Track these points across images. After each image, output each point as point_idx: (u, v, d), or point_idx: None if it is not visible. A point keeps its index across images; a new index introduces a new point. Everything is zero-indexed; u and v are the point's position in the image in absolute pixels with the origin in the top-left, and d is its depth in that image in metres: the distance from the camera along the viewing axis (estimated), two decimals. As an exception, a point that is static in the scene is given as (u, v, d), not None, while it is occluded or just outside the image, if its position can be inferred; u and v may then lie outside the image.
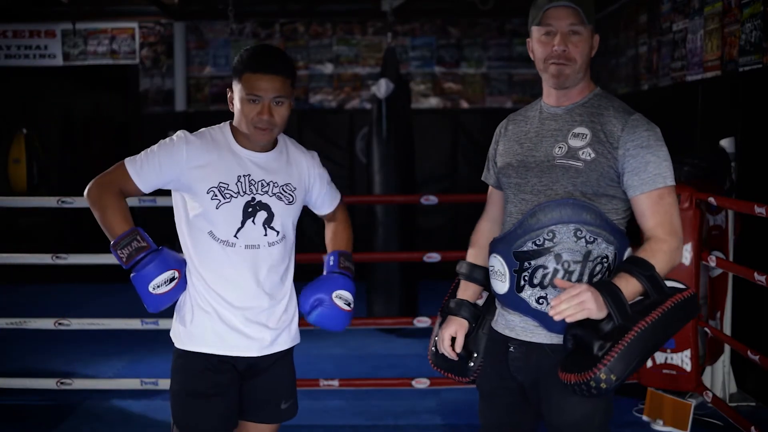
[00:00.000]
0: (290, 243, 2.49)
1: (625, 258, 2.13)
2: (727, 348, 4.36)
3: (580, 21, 2.13)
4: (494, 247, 2.22)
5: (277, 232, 2.41)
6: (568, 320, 1.98)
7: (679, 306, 2.02)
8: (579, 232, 2.09)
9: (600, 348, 1.95)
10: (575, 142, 2.14)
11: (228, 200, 2.34)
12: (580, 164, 2.11)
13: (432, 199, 4.61)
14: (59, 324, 4.46)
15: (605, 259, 2.10)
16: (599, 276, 2.10)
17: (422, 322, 4.48)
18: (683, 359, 4.11)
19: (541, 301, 2.14)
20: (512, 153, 2.26)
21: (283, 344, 2.48)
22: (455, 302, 2.40)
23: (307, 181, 2.54)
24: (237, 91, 2.36)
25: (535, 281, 2.12)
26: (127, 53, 8.73)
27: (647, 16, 6.35)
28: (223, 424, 2.42)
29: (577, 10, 2.12)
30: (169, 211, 2.54)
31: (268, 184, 2.40)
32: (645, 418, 4.22)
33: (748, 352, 3.68)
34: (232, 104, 2.39)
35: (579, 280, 2.10)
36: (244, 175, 2.37)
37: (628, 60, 6.82)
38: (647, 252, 2.07)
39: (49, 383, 4.54)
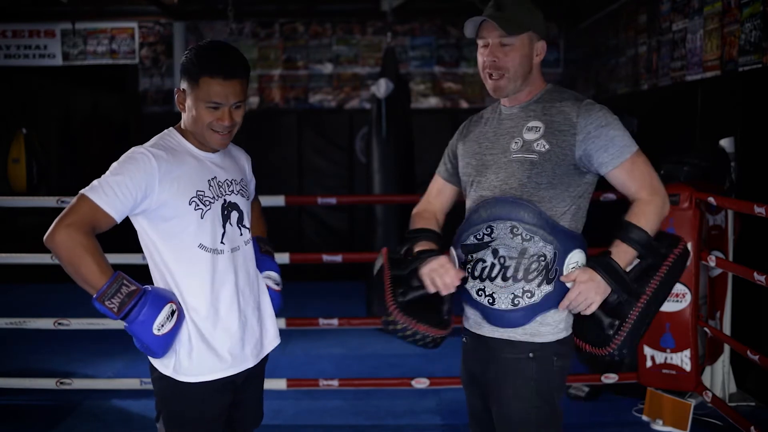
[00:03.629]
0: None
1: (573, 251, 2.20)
2: (726, 348, 4.36)
3: (509, 33, 2.22)
4: (453, 241, 2.34)
5: (249, 230, 2.38)
6: (584, 313, 2.16)
7: (674, 267, 2.17)
8: (515, 230, 2.18)
9: (610, 326, 2.13)
10: (530, 136, 2.23)
11: (209, 207, 2.25)
12: (535, 156, 2.20)
13: (432, 199, 4.60)
14: (59, 324, 4.46)
15: (542, 258, 2.16)
16: (535, 273, 2.16)
17: (422, 322, 4.47)
18: (683, 359, 4.11)
19: (480, 293, 2.23)
20: (472, 152, 2.36)
21: (271, 344, 2.45)
22: (425, 250, 2.30)
23: (249, 175, 2.50)
24: (192, 94, 2.22)
25: (476, 273, 2.23)
26: (126, 53, 8.73)
27: (647, 16, 6.35)
28: None
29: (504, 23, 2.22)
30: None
31: (231, 183, 2.34)
32: (645, 418, 4.23)
33: (748, 352, 3.68)
34: (183, 105, 2.26)
35: (514, 276, 2.18)
36: (212, 179, 2.28)
37: (627, 60, 6.82)
38: (635, 214, 2.19)
39: (49, 383, 4.54)
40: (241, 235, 2.34)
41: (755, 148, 4.53)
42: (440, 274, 2.21)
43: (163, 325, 2.12)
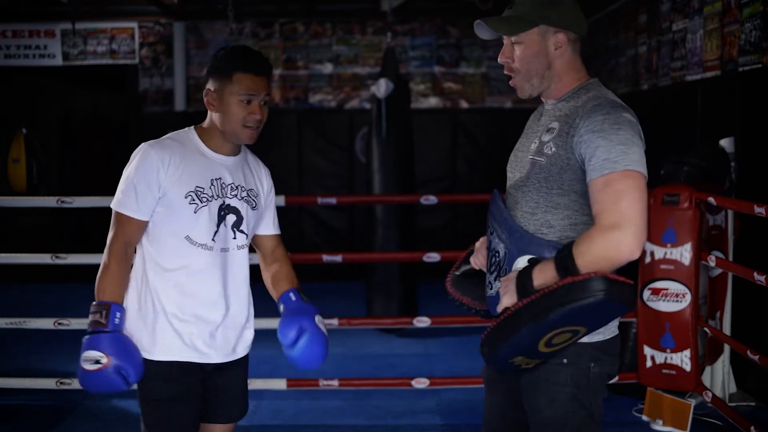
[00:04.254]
0: (248, 246, 2.51)
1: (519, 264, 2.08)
2: (726, 348, 4.36)
3: (502, 33, 2.17)
4: None
5: (246, 236, 2.45)
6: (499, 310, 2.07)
7: (564, 290, 1.90)
8: (487, 222, 2.21)
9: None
10: (546, 137, 2.13)
11: (205, 204, 2.35)
12: (543, 159, 2.10)
13: (431, 199, 4.60)
14: (59, 324, 4.46)
15: (497, 254, 2.14)
16: (493, 267, 2.17)
17: (422, 322, 4.48)
18: (683, 359, 4.11)
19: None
20: (515, 148, 2.30)
21: (244, 350, 2.51)
22: None
23: (265, 192, 2.56)
24: (225, 90, 2.36)
25: None
26: (126, 53, 8.73)
27: (647, 16, 6.35)
28: (191, 428, 2.43)
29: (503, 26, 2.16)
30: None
31: (236, 187, 2.42)
32: (645, 417, 4.22)
33: (748, 352, 3.68)
34: (213, 105, 2.38)
35: (488, 266, 2.20)
36: (216, 179, 2.38)
37: (627, 60, 6.82)
38: (580, 237, 1.98)
39: (49, 383, 4.53)
40: (235, 238, 2.42)
41: (755, 148, 4.53)
42: (475, 254, 2.33)
43: (85, 362, 2.26)
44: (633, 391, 4.45)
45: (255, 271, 2.57)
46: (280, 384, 4.43)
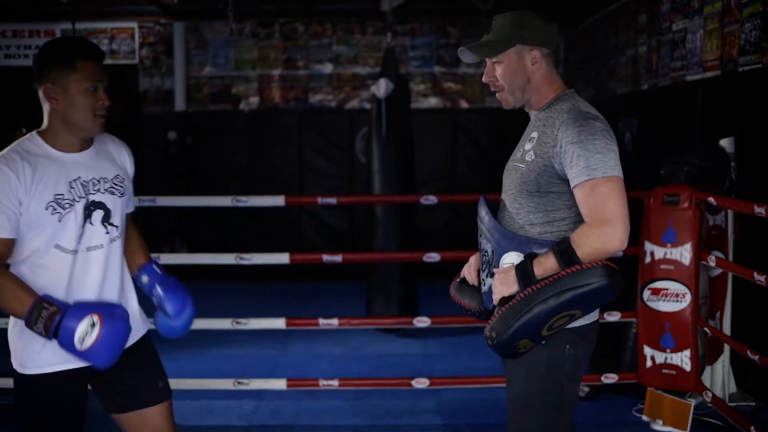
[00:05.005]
0: (123, 235, 2.45)
1: (504, 259, 2.27)
2: (726, 348, 4.36)
3: (482, 57, 2.39)
4: None
5: (117, 227, 2.38)
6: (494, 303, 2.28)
7: (572, 276, 2.13)
8: (477, 224, 2.40)
9: (496, 311, 2.23)
10: (527, 145, 2.35)
11: (68, 210, 2.26)
12: (523, 166, 2.32)
13: (431, 199, 4.60)
14: (59, 324, 4.45)
15: (486, 253, 2.34)
16: (484, 266, 2.35)
17: (422, 322, 4.48)
18: (683, 359, 4.11)
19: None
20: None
21: (134, 336, 2.44)
22: None
23: (129, 172, 2.49)
24: (69, 80, 2.25)
25: None
26: (126, 53, 8.73)
27: (647, 16, 6.35)
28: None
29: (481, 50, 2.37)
30: (166, 210, 2.48)
31: (98, 181, 2.34)
32: (645, 417, 4.22)
33: (748, 352, 3.68)
34: (57, 99, 2.26)
35: (480, 265, 2.39)
36: (74, 180, 2.29)
37: (627, 60, 6.82)
38: (577, 233, 2.20)
39: (49, 383, 4.52)
40: (107, 233, 2.35)
41: (755, 148, 4.53)
42: (467, 267, 2.51)
43: (84, 339, 2.15)
44: (633, 391, 4.45)
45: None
46: (280, 384, 4.43)
